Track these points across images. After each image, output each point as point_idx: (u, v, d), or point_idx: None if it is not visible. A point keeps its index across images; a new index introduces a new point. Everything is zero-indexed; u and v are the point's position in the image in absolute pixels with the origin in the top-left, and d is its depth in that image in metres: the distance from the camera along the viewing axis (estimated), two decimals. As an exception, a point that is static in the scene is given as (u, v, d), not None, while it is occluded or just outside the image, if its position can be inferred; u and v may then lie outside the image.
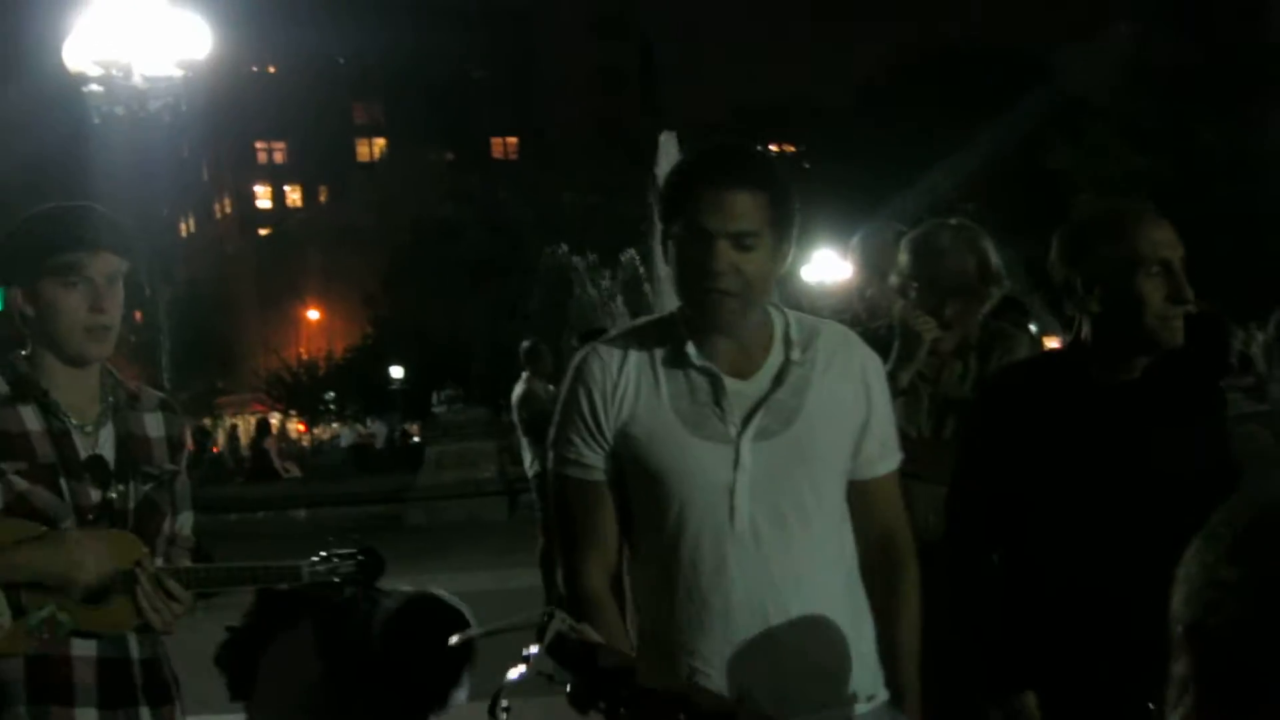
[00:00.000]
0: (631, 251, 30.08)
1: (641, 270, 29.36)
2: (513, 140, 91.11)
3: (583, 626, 2.45)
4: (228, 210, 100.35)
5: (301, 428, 71.89)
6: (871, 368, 3.35)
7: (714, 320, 3.15)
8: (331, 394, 67.67)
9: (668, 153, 23.49)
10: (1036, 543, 3.57)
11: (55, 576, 3.41)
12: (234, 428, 58.19)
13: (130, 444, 3.68)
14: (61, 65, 14.13)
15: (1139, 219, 3.51)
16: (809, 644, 3.15)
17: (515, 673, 2.39)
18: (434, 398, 34.26)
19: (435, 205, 59.90)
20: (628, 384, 3.19)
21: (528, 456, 12.70)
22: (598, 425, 3.19)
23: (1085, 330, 3.59)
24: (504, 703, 2.37)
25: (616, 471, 3.22)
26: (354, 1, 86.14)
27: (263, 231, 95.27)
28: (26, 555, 3.39)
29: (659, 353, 3.22)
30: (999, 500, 3.60)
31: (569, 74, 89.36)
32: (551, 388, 12.64)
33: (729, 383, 3.16)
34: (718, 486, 3.12)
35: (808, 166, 52.03)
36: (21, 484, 3.47)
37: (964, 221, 4.86)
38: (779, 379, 3.19)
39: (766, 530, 3.13)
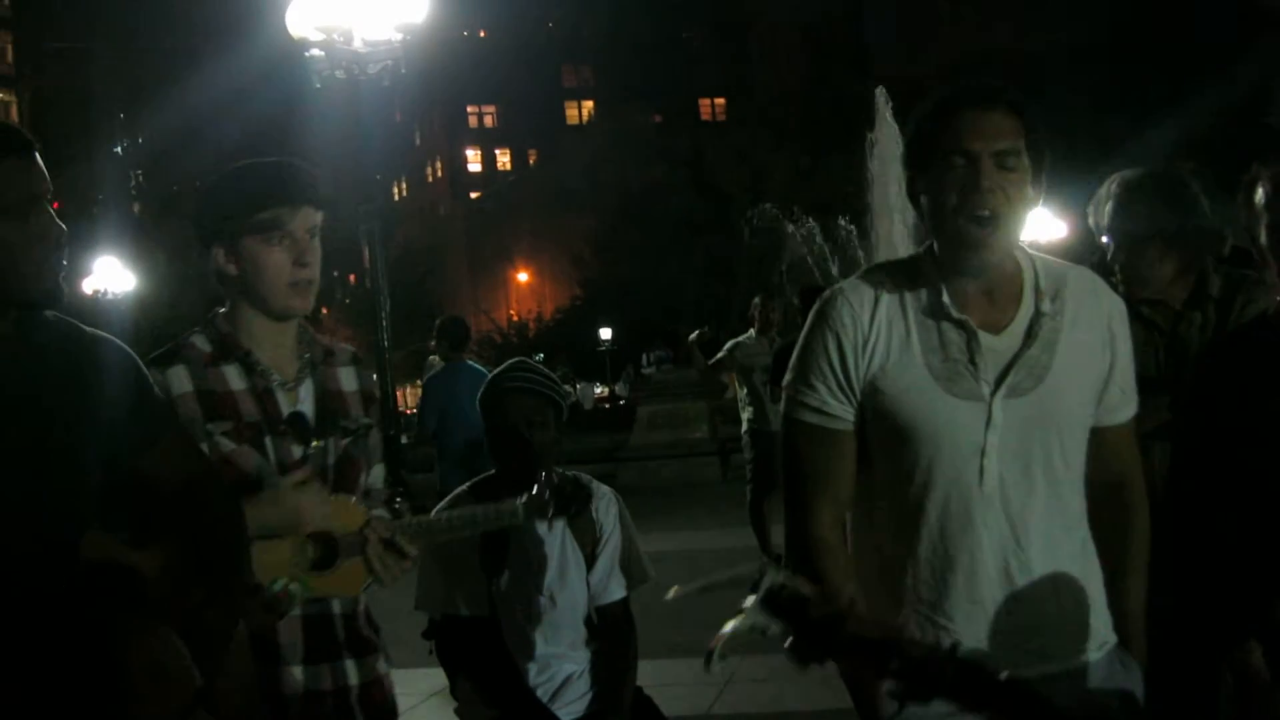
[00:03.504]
0: (843, 214, 29.90)
1: (853, 230, 29.14)
2: (720, 101, 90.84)
3: (796, 579, 2.46)
4: (439, 174, 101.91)
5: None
6: (1117, 314, 3.29)
7: (975, 252, 3.08)
8: (541, 355, 68.50)
9: (881, 110, 23.27)
10: (1262, 496, 3.48)
11: (283, 528, 3.45)
12: (447, 388, 59.04)
13: (329, 399, 3.71)
14: (284, 32, 14.43)
15: None
16: (1049, 599, 3.14)
17: (730, 626, 2.40)
18: (644, 359, 34.40)
19: (644, 167, 59.97)
20: (878, 335, 3.13)
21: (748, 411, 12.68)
22: (846, 376, 3.14)
23: None
24: (719, 654, 2.39)
25: (858, 422, 3.18)
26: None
27: (473, 195, 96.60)
28: (255, 512, 3.40)
29: (910, 300, 3.16)
30: (1225, 456, 3.52)
31: (776, 33, 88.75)
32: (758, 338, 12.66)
33: (983, 337, 3.11)
34: (969, 446, 3.08)
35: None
36: (228, 445, 3.50)
37: (1170, 167, 4.71)
38: (1031, 333, 3.13)
39: (1014, 488, 3.10)
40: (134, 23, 67.27)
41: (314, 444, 3.63)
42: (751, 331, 12.80)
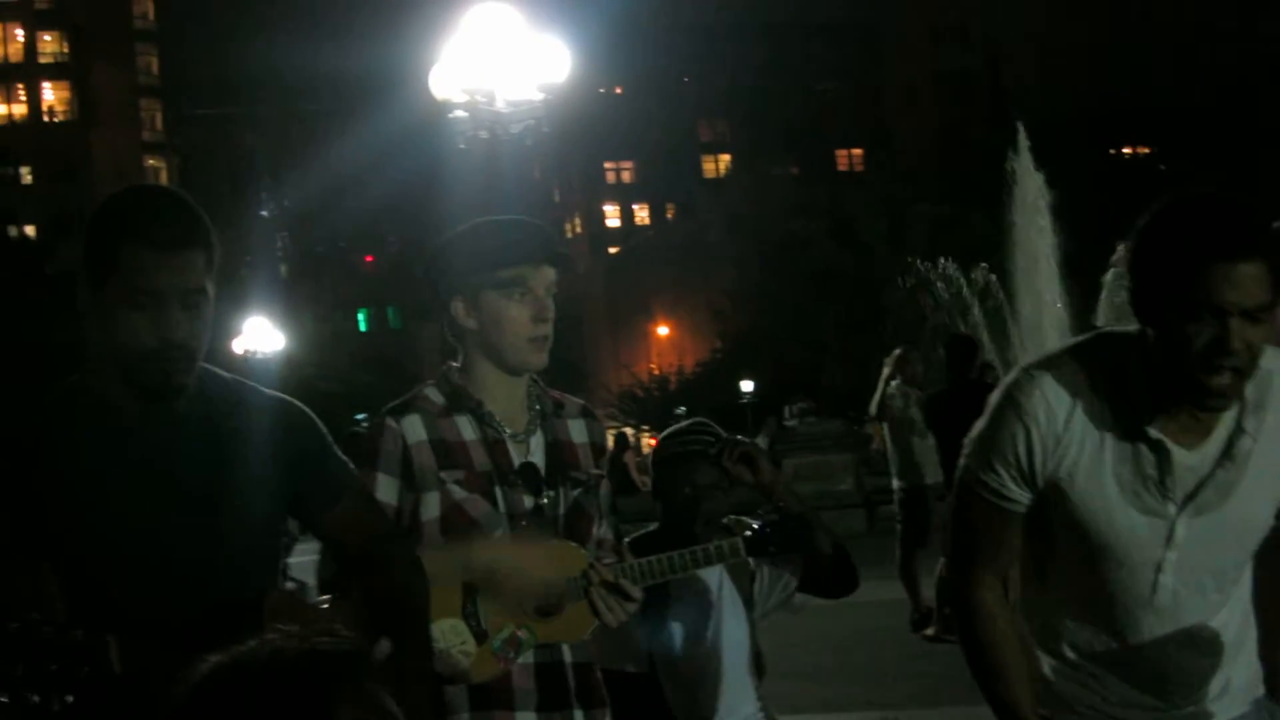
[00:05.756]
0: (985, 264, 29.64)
1: (994, 279, 28.86)
2: (858, 152, 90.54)
3: None
4: (578, 230, 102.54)
5: (653, 442, 72.79)
6: None
7: (1213, 401, 2.93)
8: (683, 408, 68.39)
9: (1023, 157, 23.05)
10: None
11: (510, 576, 3.54)
12: (589, 443, 59.25)
13: (559, 451, 3.79)
14: (427, 94, 14.64)
15: None
16: (1200, 660, 3.16)
17: None
18: (786, 411, 34.20)
19: (782, 219, 59.95)
20: (1071, 438, 3.02)
21: (897, 464, 12.49)
22: (1031, 469, 3.07)
23: None
24: None
25: (1036, 505, 3.13)
26: (698, 20, 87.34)
27: (612, 250, 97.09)
28: (483, 551, 3.53)
29: (1109, 409, 3.03)
30: None
31: (913, 83, 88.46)
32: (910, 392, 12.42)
33: (1176, 454, 3.00)
34: (1146, 559, 3.06)
35: (1163, 168, 50.35)
36: (460, 492, 3.60)
37: None
38: (1227, 451, 3.02)
39: (1186, 599, 3.10)
40: (281, 87, 68.64)
41: (545, 494, 3.71)
42: (895, 383, 12.61)
